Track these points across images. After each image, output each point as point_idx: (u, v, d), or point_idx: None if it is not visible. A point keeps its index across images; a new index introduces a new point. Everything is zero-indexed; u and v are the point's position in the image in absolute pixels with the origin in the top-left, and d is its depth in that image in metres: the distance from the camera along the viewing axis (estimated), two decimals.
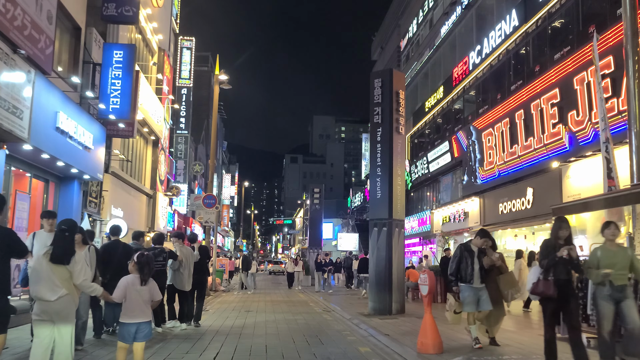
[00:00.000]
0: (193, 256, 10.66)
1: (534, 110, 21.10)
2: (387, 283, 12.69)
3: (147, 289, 5.49)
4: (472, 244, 8.23)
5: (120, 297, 5.40)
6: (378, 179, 13.16)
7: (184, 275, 10.30)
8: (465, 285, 7.89)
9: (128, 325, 5.40)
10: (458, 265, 7.95)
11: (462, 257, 7.99)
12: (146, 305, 5.49)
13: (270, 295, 21.24)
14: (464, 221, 28.96)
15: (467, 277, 7.84)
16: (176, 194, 24.87)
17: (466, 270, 7.86)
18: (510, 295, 8.08)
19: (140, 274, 5.50)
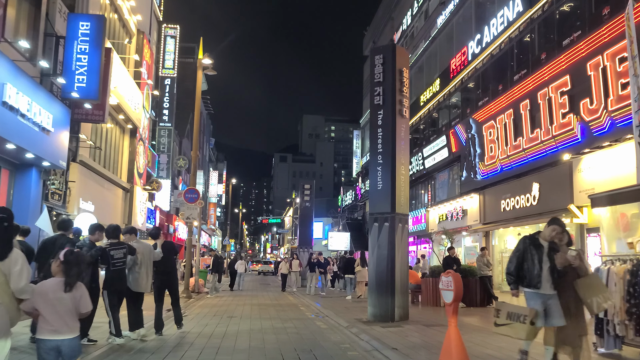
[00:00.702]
0: (153, 253, 9.07)
1: (541, 99, 19.69)
2: (389, 285, 11.16)
3: (70, 297, 3.91)
4: (540, 237, 6.24)
5: (29, 307, 3.83)
6: (379, 167, 11.63)
7: (140, 274, 8.72)
8: (530, 291, 6.05)
9: (46, 342, 3.84)
10: (520, 263, 6.12)
11: (526, 252, 6.13)
12: (71, 316, 3.92)
13: (258, 298, 19.64)
14: (462, 219, 27.55)
15: (532, 279, 5.99)
16: (156, 188, 23.18)
17: (531, 270, 6.00)
18: (597, 305, 6.01)
19: (66, 276, 3.92)
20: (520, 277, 6.09)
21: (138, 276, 8.69)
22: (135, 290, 8.68)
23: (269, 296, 20.68)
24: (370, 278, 11.60)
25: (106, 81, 13.83)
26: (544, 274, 5.89)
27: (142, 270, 8.72)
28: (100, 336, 8.42)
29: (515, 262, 6.15)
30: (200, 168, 49.83)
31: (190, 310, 14.24)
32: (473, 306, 15.43)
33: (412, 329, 9.95)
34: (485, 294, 15.72)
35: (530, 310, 5.89)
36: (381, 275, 11.32)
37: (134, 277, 8.67)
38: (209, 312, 13.72)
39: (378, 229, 11.50)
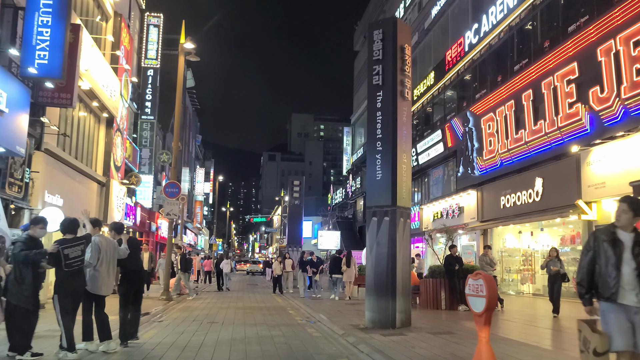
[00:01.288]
0: (118, 250, 7.74)
1: (546, 89, 18.56)
2: (389, 287, 9.90)
3: None
4: (618, 226, 4.44)
5: None
6: (378, 156, 10.37)
7: (100, 274, 7.39)
8: (607, 304, 4.35)
9: None
10: (591, 267, 4.45)
11: (599, 252, 4.43)
12: None
13: (244, 300, 18.31)
14: (458, 217, 26.41)
15: (608, 288, 4.31)
16: (136, 183, 21.76)
17: (605, 275, 4.33)
18: None
19: None
20: (595, 284, 4.45)
21: (98, 275, 7.36)
22: (93, 292, 7.35)
23: (256, 298, 19.36)
24: (369, 279, 10.33)
25: (74, 61, 12.45)
26: (624, 279, 4.20)
27: (102, 268, 7.39)
28: (52, 349, 7.09)
29: (586, 266, 4.45)
30: (186, 165, 48.35)
31: (168, 315, 12.90)
32: None
33: (418, 337, 8.70)
34: None
35: (596, 336, 4.22)
36: (380, 275, 10.06)
37: (93, 277, 7.34)
38: (188, 317, 12.39)
39: (377, 224, 10.23)
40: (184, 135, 45.10)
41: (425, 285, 14.83)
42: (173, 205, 17.53)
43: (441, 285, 14.42)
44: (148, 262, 16.24)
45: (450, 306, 14.27)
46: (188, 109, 48.70)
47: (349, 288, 19.84)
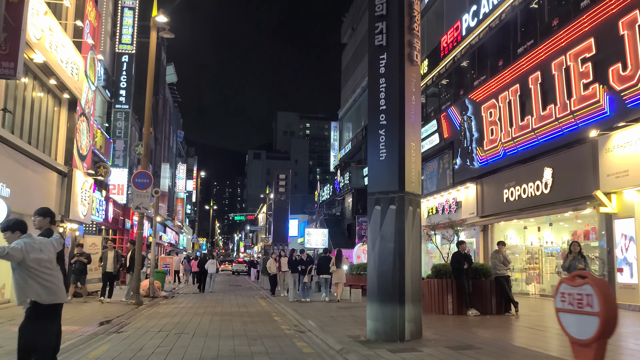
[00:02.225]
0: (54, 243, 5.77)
1: (556, 70, 16.90)
2: (397, 291, 8.10)
3: None
4: None
5: None
6: (382, 131, 8.55)
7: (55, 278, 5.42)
8: None
9: None
10: None
11: None
12: None
13: (223, 304, 16.40)
14: (455, 212, 24.70)
15: None
16: (104, 174, 19.72)
17: None
18: None
19: None
20: None
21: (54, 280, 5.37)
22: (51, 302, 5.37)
23: (237, 301, 17.46)
24: (371, 281, 8.51)
25: (18, 23, 10.48)
26: None
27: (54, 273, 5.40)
28: None
29: None
30: (166, 160, 46.23)
31: (132, 323, 10.97)
32: (488, 314, 12.49)
33: (436, 355, 6.89)
34: (503, 298, 12.78)
35: None
36: (385, 276, 8.25)
37: (45, 285, 5.34)
38: (154, 326, 10.47)
39: (381, 214, 8.42)
40: (163, 128, 42.97)
41: (428, 286, 13.04)
42: (143, 198, 15.58)
43: (448, 287, 12.65)
44: (113, 263, 14.25)
45: (458, 311, 12.50)
46: (168, 101, 46.55)
47: (339, 289, 18.17)
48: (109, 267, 14.21)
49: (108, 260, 14.20)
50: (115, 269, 14.30)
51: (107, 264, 14.21)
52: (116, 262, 14.31)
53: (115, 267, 14.30)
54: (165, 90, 42.52)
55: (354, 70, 50.76)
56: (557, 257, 18.58)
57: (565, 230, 18.79)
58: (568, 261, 11.04)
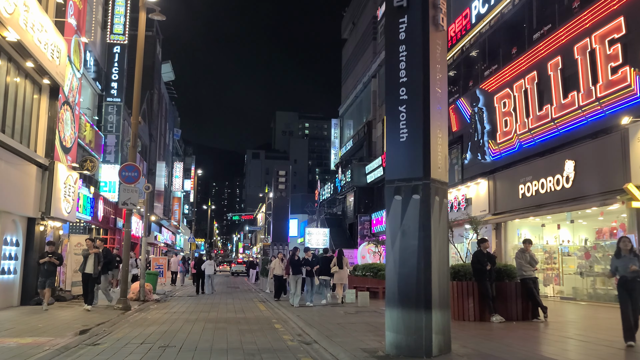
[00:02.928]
0: None
1: (579, 54, 15.59)
2: (422, 296, 6.79)
3: None
4: None
5: None
6: (402, 107, 7.24)
7: None
8: None
9: None
10: None
11: None
12: None
13: (219, 308, 15.07)
14: (465, 209, 23.39)
15: None
16: (91, 168, 18.37)
17: None
18: None
19: None
20: None
21: None
22: None
23: (234, 306, 16.13)
24: (390, 285, 7.19)
25: None
26: None
27: None
28: None
29: None
30: (162, 158, 44.89)
31: (113, 333, 9.64)
32: (513, 319, 11.18)
33: None
34: (530, 303, 11.46)
35: None
36: (408, 279, 6.93)
37: None
38: (137, 337, 9.14)
39: (402, 205, 7.10)
40: (159, 125, 41.62)
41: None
42: (131, 193, 14.24)
43: (468, 290, 11.32)
44: (94, 265, 12.89)
45: (480, 316, 11.18)
46: (164, 97, 45.16)
47: (340, 290, 17.03)
48: (89, 269, 12.77)
49: (88, 260, 12.76)
50: (96, 270, 12.84)
51: (86, 265, 12.75)
52: (97, 264, 12.85)
53: (96, 268, 12.84)
54: (160, 86, 41.20)
55: (354, 66, 49.45)
56: (578, 257, 17.29)
57: (585, 229, 17.50)
58: (620, 261, 9.03)
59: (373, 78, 41.67)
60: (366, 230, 37.85)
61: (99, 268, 12.82)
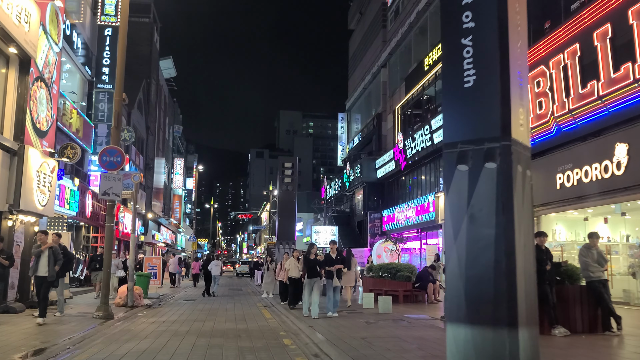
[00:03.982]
0: None
1: (635, 18, 13.42)
2: (502, 309, 4.64)
3: None
4: None
5: None
6: (467, 40, 5.09)
7: None
8: None
9: None
10: None
11: None
12: None
13: (216, 316, 12.94)
14: None
15: None
16: (72, 156, 16.25)
17: None
18: None
19: None
20: None
21: None
22: None
23: (235, 312, 14.00)
24: (452, 291, 5.03)
25: None
26: None
27: None
28: None
29: None
30: (161, 154, 42.83)
31: (78, 353, 7.50)
32: (577, 332, 9.02)
33: None
34: (599, 311, 9.29)
35: None
36: (481, 284, 4.78)
37: None
38: (109, 357, 7.01)
39: (469, 178, 4.95)
40: (157, 117, 39.55)
41: None
42: (113, 181, 12.12)
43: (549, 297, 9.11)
44: (49, 265, 10.68)
45: (548, 328, 8.97)
46: (163, 90, 43.07)
47: (348, 293, 14.96)
48: (42, 270, 10.47)
49: (40, 260, 10.51)
50: (52, 272, 10.49)
51: (39, 265, 10.46)
52: (53, 264, 10.47)
53: (52, 270, 10.49)
54: (158, 76, 39.14)
55: (362, 57, 47.31)
56: (630, 255, 15.13)
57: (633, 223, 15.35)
58: None
59: (383, 68, 39.52)
60: (377, 228, 35.70)
61: (55, 268, 10.46)
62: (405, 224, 30.63)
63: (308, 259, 12.03)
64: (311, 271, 12.00)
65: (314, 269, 11.97)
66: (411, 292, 16.98)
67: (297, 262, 14.14)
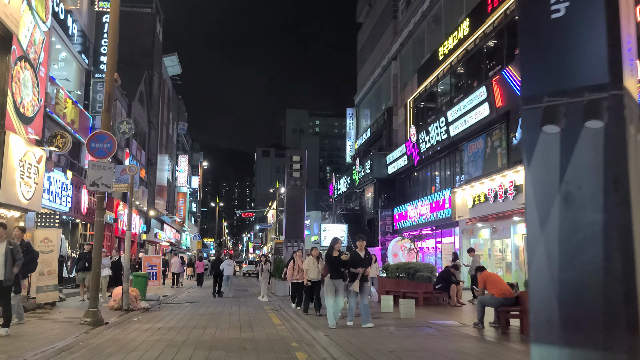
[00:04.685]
0: None
1: None
2: (619, 326, 3.20)
3: None
4: None
5: None
6: None
7: None
8: None
9: None
10: None
11: None
12: None
13: (219, 322, 11.59)
14: (513, 199, 19.75)
15: None
16: (62, 145, 14.92)
17: None
18: None
19: None
20: None
21: None
22: None
23: (240, 317, 12.64)
24: (539, 299, 3.65)
25: None
26: None
27: None
28: None
29: None
30: (165, 151, 41.59)
31: None
32: None
33: None
34: None
35: None
36: (584, 287, 3.39)
37: None
38: None
39: (561, 143, 3.55)
40: (160, 111, 38.28)
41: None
42: (103, 171, 10.78)
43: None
44: (5, 266, 9.09)
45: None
46: (166, 83, 41.82)
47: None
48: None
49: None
50: (8, 274, 8.76)
51: None
52: (11, 263, 8.69)
53: (10, 271, 8.66)
54: (162, 69, 37.87)
55: (371, 51, 45.88)
56: None
57: None
58: None
59: (394, 60, 38.08)
60: (388, 226, 34.29)
61: (14, 270, 8.73)
62: (419, 221, 29.20)
63: (331, 257, 10.29)
64: (335, 271, 10.18)
65: (337, 269, 10.19)
66: (432, 294, 15.58)
67: (316, 261, 12.40)
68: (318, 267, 12.24)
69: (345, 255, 10.11)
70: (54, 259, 13.58)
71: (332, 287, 10.06)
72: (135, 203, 26.81)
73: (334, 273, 10.14)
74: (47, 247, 13.48)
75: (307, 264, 12.40)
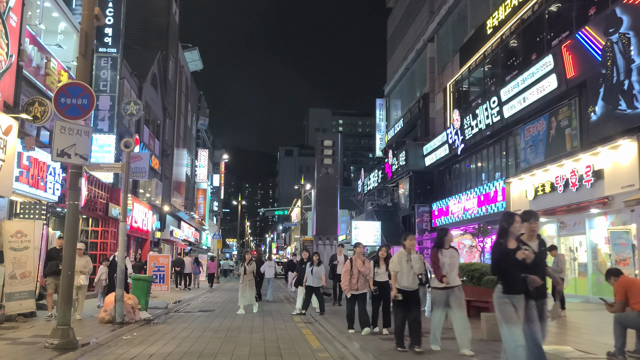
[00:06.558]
0: None
1: None
2: None
3: None
4: None
5: None
6: None
7: None
8: None
9: None
10: None
11: None
12: None
13: (236, 345, 8.57)
14: (591, 187, 16.31)
15: None
16: (40, 115, 11.94)
17: None
18: None
19: None
20: None
21: None
22: None
23: (264, 336, 9.59)
24: None
25: None
26: None
27: None
28: None
29: None
30: (183, 145, 38.88)
31: None
32: None
33: None
34: None
35: None
36: None
37: None
38: None
39: None
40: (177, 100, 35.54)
41: None
42: (76, 136, 7.83)
43: None
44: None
45: None
46: (184, 71, 39.06)
47: None
48: None
49: None
50: None
51: None
52: None
53: None
54: (178, 54, 35.09)
55: (403, 35, 42.61)
56: None
57: None
58: None
59: (430, 42, 34.74)
60: (425, 224, 30.97)
61: None
62: (463, 217, 25.81)
63: (506, 249, 5.71)
64: (512, 279, 5.71)
65: (516, 276, 5.72)
66: None
67: (410, 260, 8.15)
68: (412, 268, 8.11)
69: (525, 252, 5.62)
70: (30, 258, 10.73)
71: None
72: (146, 196, 24.00)
73: (510, 283, 5.77)
74: (20, 243, 10.67)
75: (398, 264, 8.17)
